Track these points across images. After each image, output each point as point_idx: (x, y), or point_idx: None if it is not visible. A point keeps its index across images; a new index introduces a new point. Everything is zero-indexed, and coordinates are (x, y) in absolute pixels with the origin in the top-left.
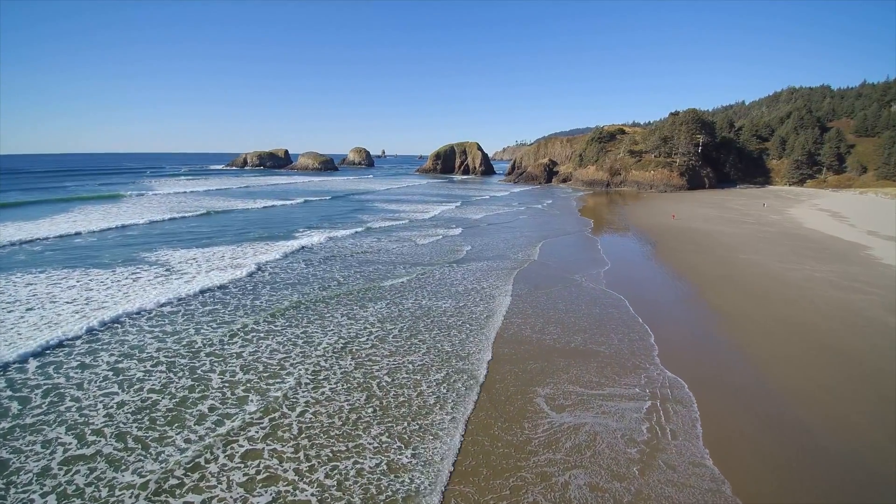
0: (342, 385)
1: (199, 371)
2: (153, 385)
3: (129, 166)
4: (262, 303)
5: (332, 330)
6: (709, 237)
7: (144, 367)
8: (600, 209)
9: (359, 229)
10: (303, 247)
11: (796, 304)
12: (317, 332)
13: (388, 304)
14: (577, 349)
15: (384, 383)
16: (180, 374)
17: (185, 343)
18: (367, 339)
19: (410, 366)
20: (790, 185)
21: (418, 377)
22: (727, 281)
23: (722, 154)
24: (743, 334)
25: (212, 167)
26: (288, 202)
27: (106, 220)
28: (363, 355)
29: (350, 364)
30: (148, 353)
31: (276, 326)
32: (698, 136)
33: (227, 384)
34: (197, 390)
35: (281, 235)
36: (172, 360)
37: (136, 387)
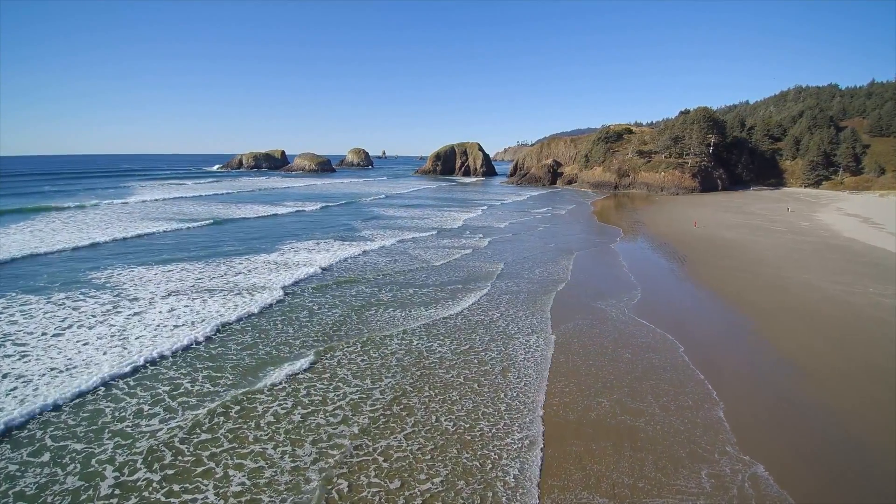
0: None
1: (93, 463)
2: (25, 486)
3: (126, 168)
4: (200, 349)
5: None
6: (744, 250)
7: (20, 456)
8: (618, 215)
9: (373, 245)
10: (306, 275)
11: (882, 346)
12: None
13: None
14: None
15: None
16: (70, 466)
17: (87, 413)
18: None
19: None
20: (806, 186)
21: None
22: (787, 312)
23: (733, 154)
24: (842, 403)
25: (207, 169)
26: (284, 210)
27: (66, 230)
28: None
29: (308, 455)
30: (30, 430)
31: (211, 386)
32: (710, 135)
33: (118, 491)
34: (83, 496)
35: (268, 258)
36: (63, 444)
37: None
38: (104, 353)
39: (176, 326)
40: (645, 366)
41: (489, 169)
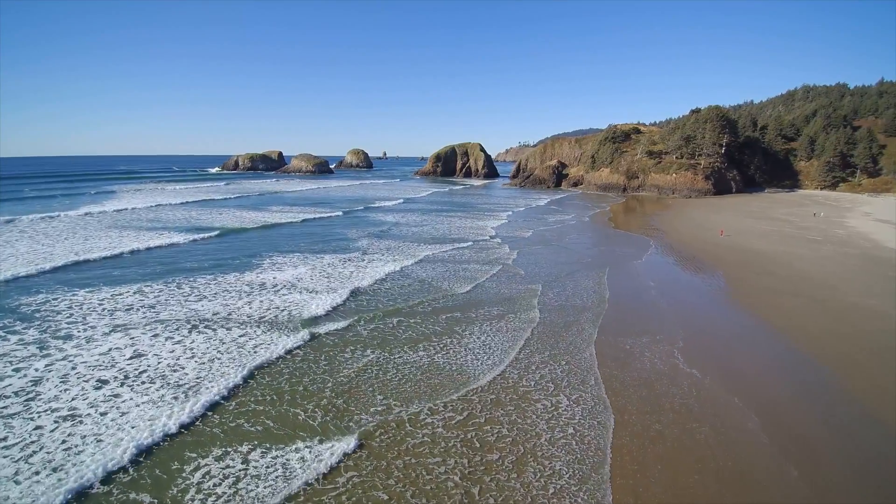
0: None
1: None
2: None
3: (122, 169)
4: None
5: None
6: (786, 265)
7: None
8: (637, 222)
9: (387, 268)
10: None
11: None
12: None
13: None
14: None
15: None
16: None
17: None
18: None
19: None
20: (822, 189)
21: None
22: (871, 357)
23: (746, 155)
24: None
25: (203, 171)
26: (282, 219)
27: (21, 242)
28: None
29: None
30: None
31: None
32: (723, 135)
33: None
34: None
35: (250, 285)
36: None
37: None
38: None
39: (102, 383)
40: (707, 455)
41: (491, 170)
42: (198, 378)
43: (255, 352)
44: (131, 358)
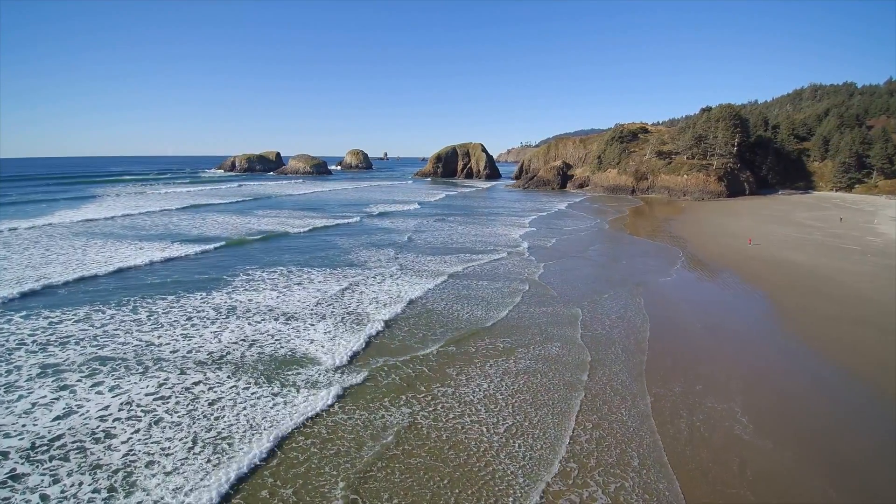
0: None
1: None
2: None
3: (117, 171)
4: None
5: None
6: (832, 282)
7: None
8: (656, 228)
9: (400, 291)
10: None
11: None
12: None
13: None
14: None
15: None
16: None
17: None
18: None
19: None
20: (837, 190)
21: None
22: None
23: (757, 155)
24: None
25: (201, 171)
26: (273, 226)
27: None
28: None
29: None
30: None
31: None
32: (735, 134)
33: None
34: None
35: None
36: None
37: None
38: None
39: (2, 456)
40: None
41: (493, 171)
42: (127, 459)
43: (212, 412)
44: (54, 420)
